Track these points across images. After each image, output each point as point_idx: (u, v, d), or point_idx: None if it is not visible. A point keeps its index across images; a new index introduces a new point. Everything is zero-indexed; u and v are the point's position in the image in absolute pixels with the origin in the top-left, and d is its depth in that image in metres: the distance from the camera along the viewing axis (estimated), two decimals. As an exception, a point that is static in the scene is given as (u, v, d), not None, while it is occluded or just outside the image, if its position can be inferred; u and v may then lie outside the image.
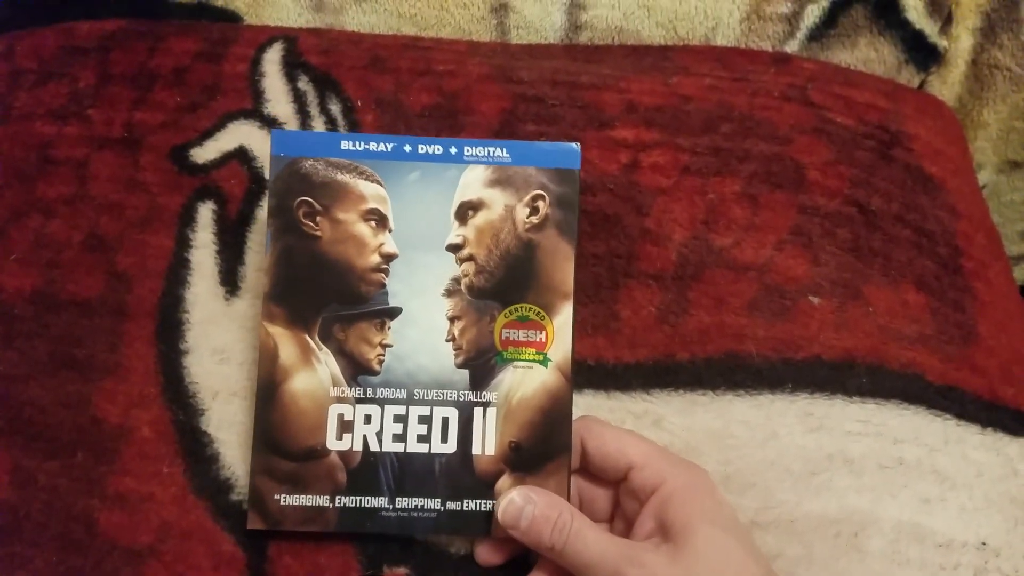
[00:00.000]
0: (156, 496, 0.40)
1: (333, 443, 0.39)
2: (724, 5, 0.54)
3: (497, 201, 0.41)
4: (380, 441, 0.39)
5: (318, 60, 0.51)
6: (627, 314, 0.44)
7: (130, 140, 0.48)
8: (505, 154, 0.41)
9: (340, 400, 0.39)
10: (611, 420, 0.41)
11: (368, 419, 0.39)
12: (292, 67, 0.51)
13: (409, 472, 0.39)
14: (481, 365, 0.39)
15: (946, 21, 0.57)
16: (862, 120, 0.52)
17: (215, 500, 0.40)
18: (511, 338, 0.40)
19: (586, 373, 0.43)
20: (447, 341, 0.40)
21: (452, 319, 0.40)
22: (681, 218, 0.46)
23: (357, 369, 0.39)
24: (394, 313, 0.40)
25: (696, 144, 0.49)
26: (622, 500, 0.39)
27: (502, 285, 0.40)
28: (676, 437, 0.41)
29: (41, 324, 0.43)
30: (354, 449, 0.39)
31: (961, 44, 0.58)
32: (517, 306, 0.40)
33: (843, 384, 0.42)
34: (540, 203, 0.41)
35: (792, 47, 0.56)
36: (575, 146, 0.41)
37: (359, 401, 0.39)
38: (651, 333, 0.43)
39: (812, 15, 0.55)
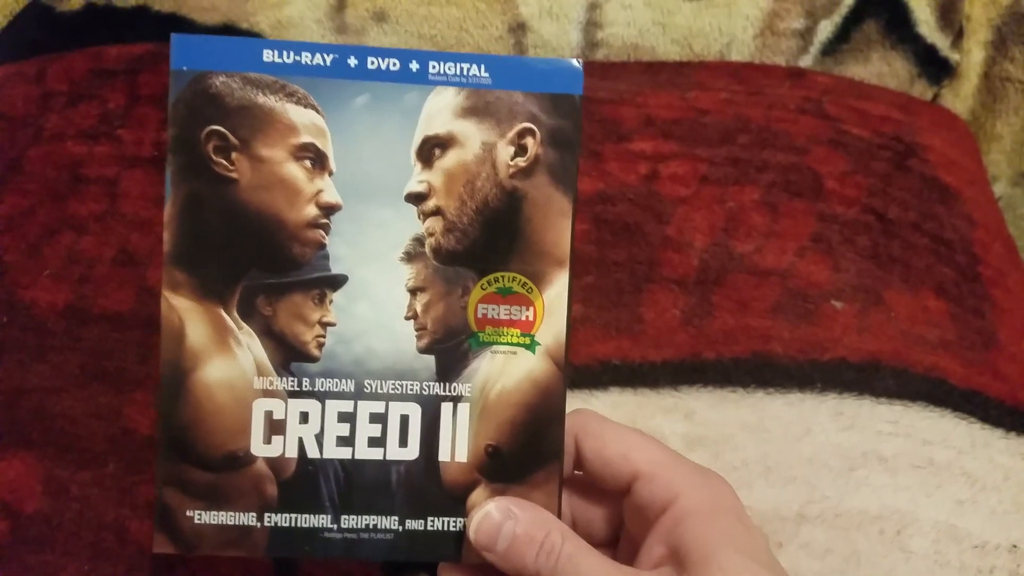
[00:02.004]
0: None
1: (260, 448, 0.31)
2: (738, 21, 0.56)
3: (472, 137, 0.31)
4: (321, 445, 0.31)
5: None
6: (651, 316, 0.44)
7: (159, 159, 0.49)
8: (483, 73, 0.32)
9: (268, 394, 0.31)
10: (640, 415, 0.41)
11: (305, 418, 0.31)
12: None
13: (359, 484, 0.31)
14: (450, 350, 0.32)
15: (958, 35, 0.58)
16: (877, 132, 0.53)
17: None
18: (489, 316, 0.32)
19: (612, 372, 0.43)
20: (407, 319, 0.31)
21: (413, 291, 0.32)
22: (701, 226, 0.47)
23: (289, 354, 0.31)
24: (337, 282, 0.31)
25: (714, 155, 0.49)
26: (626, 518, 0.32)
27: (478, 248, 0.32)
28: (710, 429, 0.41)
29: (73, 338, 0.44)
30: (287, 455, 0.31)
31: (973, 58, 0.59)
32: (498, 275, 0.32)
33: (870, 385, 0.42)
34: (529, 140, 0.32)
35: (806, 62, 0.56)
36: (575, 63, 0.32)
37: (293, 395, 0.31)
38: (676, 334, 0.43)
39: (825, 30, 0.56)
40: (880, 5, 0.56)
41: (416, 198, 0.31)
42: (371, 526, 0.32)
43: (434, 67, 0.32)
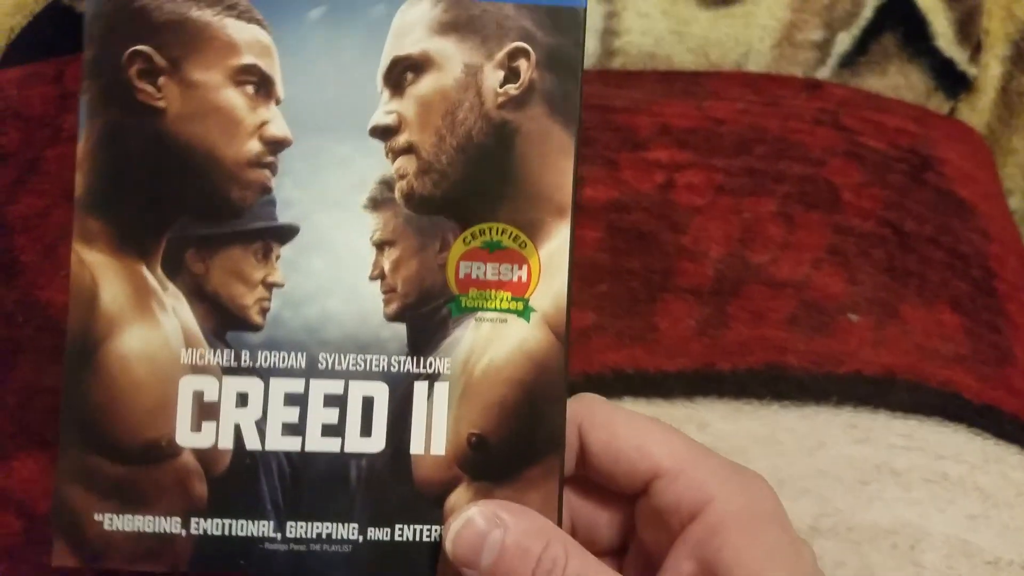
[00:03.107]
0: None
1: (186, 436, 0.25)
2: (755, 32, 0.56)
3: (452, 58, 0.26)
4: (262, 434, 0.25)
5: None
6: (665, 325, 0.44)
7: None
8: None
9: (198, 369, 0.25)
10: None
11: (243, 400, 0.25)
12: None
13: (309, 482, 0.26)
14: (425, 317, 0.26)
15: (975, 49, 0.58)
16: (893, 144, 0.53)
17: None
18: (474, 275, 0.26)
19: (625, 381, 0.43)
20: (372, 279, 0.26)
21: (380, 245, 0.26)
22: (717, 236, 0.47)
23: (225, 321, 0.26)
24: (286, 234, 0.26)
25: (730, 165, 0.49)
26: (639, 524, 0.27)
27: (460, 193, 0.26)
28: (722, 441, 0.41)
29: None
30: (220, 446, 0.25)
31: (990, 72, 0.59)
32: (484, 227, 0.26)
33: (885, 399, 0.42)
34: (521, 63, 0.26)
35: (823, 74, 0.56)
36: None
37: (228, 372, 0.25)
38: (691, 344, 0.43)
39: (843, 42, 0.56)
40: (898, 18, 0.56)
41: (383, 132, 0.26)
42: (324, 535, 0.26)
43: None
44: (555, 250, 0.26)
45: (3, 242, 0.47)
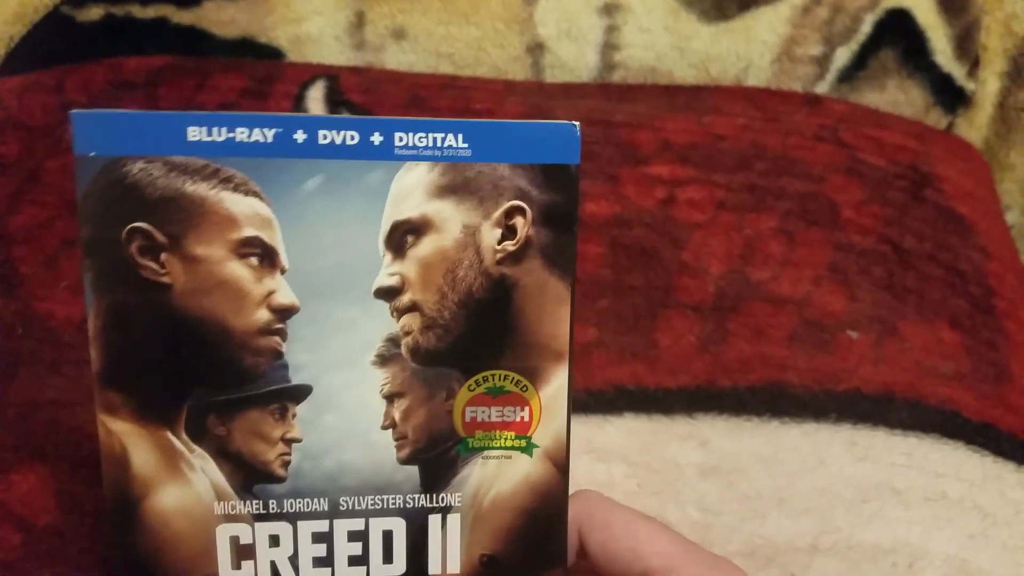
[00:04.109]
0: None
1: (229, 574, 0.28)
2: (755, 47, 0.56)
3: (451, 219, 0.27)
4: (296, 568, 0.28)
5: (360, 98, 0.53)
6: (666, 342, 0.44)
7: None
8: (461, 143, 0.27)
9: (231, 518, 0.27)
10: (655, 443, 0.41)
11: (275, 541, 0.28)
12: (335, 105, 0.52)
13: None
14: (436, 458, 0.28)
15: (974, 64, 0.58)
16: (893, 161, 0.53)
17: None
18: (479, 419, 0.28)
19: (626, 397, 0.43)
20: (384, 428, 0.28)
21: (390, 397, 0.28)
22: (718, 252, 0.47)
23: (251, 476, 0.28)
24: (300, 394, 0.27)
25: (731, 181, 0.50)
26: None
27: (463, 345, 0.28)
28: (724, 459, 0.41)
29: (89, 351, 0.44)
30: None
31: (988, 87, 0.59)
32: (487, 374, 0.28)
33: (885, 417, 0.42)
34: (518, 220, 0.27)
35: (822, 88, 0.57)
36: (573, 127, 0.27)
37: (259, 518, 0.27)
38: (692, 361, 0.44)
39: (842, 57, 0.56)
40: (897, 33, 0.57)
41: (387, 293, 0.27)
42: None
43: (401, 139, 0.26)
44: (554, 392, 0.28)
45: (3, 253, 0.47)
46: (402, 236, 0.27)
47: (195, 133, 0.26)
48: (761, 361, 0.44)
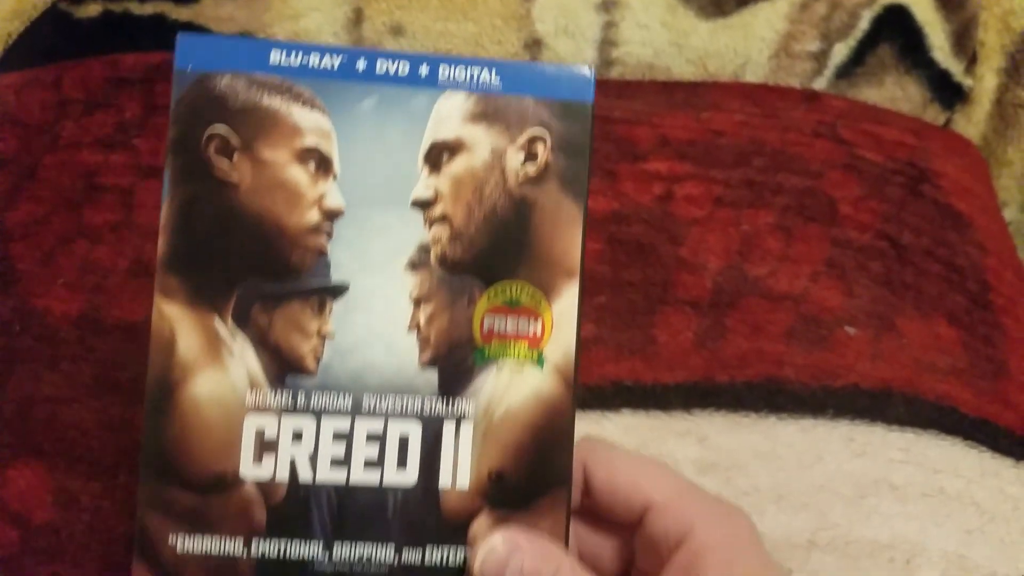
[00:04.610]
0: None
1: (249, 469, 0.29)
2: (754, 43, 0.56)
3: (482, 142, 0.31)
4: (314, 468, 0.29)
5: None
6: (664, 338, 0.44)
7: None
8: (494, 78, 0.31)
9: (260, 410, 0.29)
10: (652, 439, 0.41)
11: (298, 437, 0.29)
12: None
13: (353, 510, 0.29)
14: (454, 364, 0.30)
15: (971, 61, 0.58)
16: (891, 157, 0.53)
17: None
18: (496, 328, 0.30)
19: (624, 393, 0.43)
20: (410, 331, 0.30)
21: (417, 301, 0.30)
22: (716, 248, 0.47)
23: (285, 366, 0.30)
24: (338, 291, 0.30)
25: (729, 177, 0.50)
26: (637, 552, 0.31)
27: (485, 257, 0.30)
28: (722, 455, 0.41)
29: (86, 348, 0.44)
30: (278, 479, 0.29)
31: (986, 83, 0.59)
32: (505, 285, 0.30)
33: (882, 412, 0.42)
34: (539, 147, 0.31)
35: (820, 84, 0.57)
36: (587, 69, 0.31)
37: (286, 411, 0.29)
38: (689, 356, 0.44)
39: (840, 53, 0.56)
40: (895, 30, 0.57)
41: (423, 204, 0.30)
42: (365, 557, 0.30)
43: (444, 71, 0.31)
44: (565, 307, 0.31)
45: (0, 249, 0.47)
46: (439, 154, 0.30)
47: (276, 56, 0.30)
48: (759, 357, 0.44)
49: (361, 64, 0.30)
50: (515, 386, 0.30)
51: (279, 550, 0.29)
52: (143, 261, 0.46)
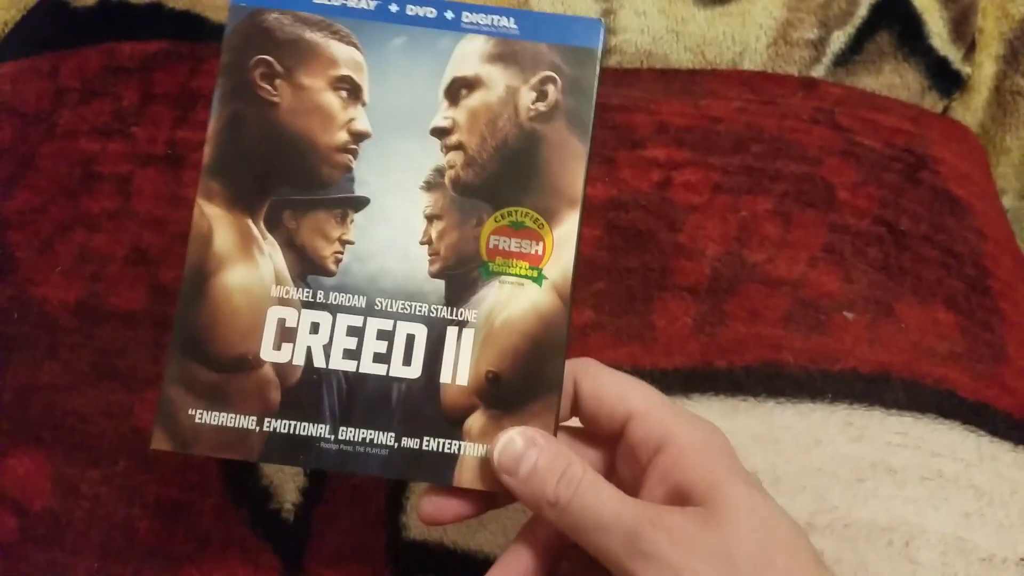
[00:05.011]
0: (196, 504, 0.40)
1: (268, 353, 0.32)
2: (751, 31, 0.56)
3: (497, 80, 0.34)
4: (327, 356, 0.32)
5: (355, 81, 0.53)
6: (662, 324, 0.44)
7: (173, 157, 0.49)
8: (512, 24, 0.34)
9: (283, 302, 0.32)
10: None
11: (315, 328, 0.32)
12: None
13: (360, 397, 0.32)
14: (460, 276, 0.33)
15: (970, 48, 0.58)
16: (889, 143, 0.53)
17: (253, 508, 0.40)
18: (500, 247, 0.33)
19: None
20: (422, 244, 0.33)
21: (430, 218, 0.33)
22: (714, 234, 0.47)
23: (308, 267, 0.33)
24: (359, 204, 0.33)
25: (727, 164, 0.49)
26: (619, 463, 0.33)
27: (495, 182, 0.33)
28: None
29: (85, 335, 0.44)
30: (294, 363, 0.32)
31: (984, 71, 0.59)
32: (511, 209, 0.33)
33: (880, 396, 0.42)
34: (550, 87, 0.34)
35: (818, 72, 0.56)
36: (599, 21, 0.35)
37: (306, 305, 0.32)
38: (687, 342, 0.44)
39: (838, 41, 0.56)
40: (893, 17, 0.57)
41: (441, 132, 0.34)
42: (367, 440, 0.32)
43: (467, 17, 0.34)
44: (566, 232, 0.33)
45: (-2, 238, 0.47)
46: (458, 89, 0.34)
47: None
48: (757, 342, 0.44)
49: (393, 7, 0.34)
50: (515, 299, 0.33)
51: (289, 428, 0.32)
52: (141, 249, 0.46)
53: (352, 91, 0.34)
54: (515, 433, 0.31)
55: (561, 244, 0.33)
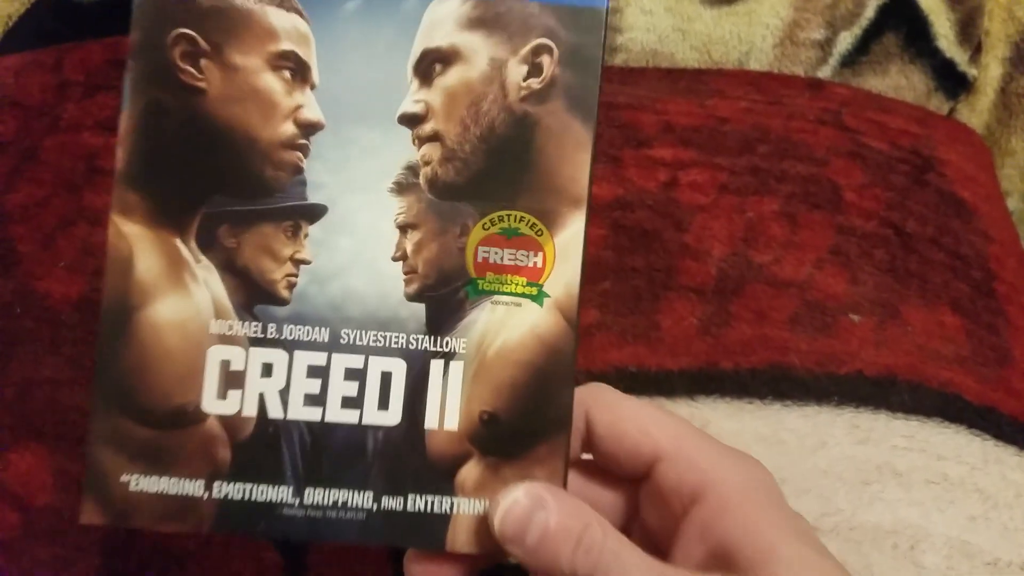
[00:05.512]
0: (198, 501, 0.40)
1: (212, 403, 0.26)
2: (758, 30, 0.55)
3: (479, 52, 0.27)
4: (285, 404, 0.27)
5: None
6: (668, 324, 0.44)
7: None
8: None
9: (226, 340, 0.26)
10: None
11: (268, 370, 0.27)
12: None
13: (328, 451, 0.27)
14: (444, 298, 0.27)
15: (976, 50, 0.58)
16: (895, 145, 0.53)
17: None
18: (491, 260, 0.27)
19: (628, 380, 0.43)
20: (395, 260, 0.27)
21: (404, 228, 0.27)
22: (720, 235, 0.47)
23: (254, 294, 0.27)
24: (315, 213, 0.27)
25: (734, 164, 0.49)
26: (643, 507, 0.28)
27: (481, 180, 0.27)
28: (725, 440, 0.41)
29: (87, 330, 0.43)
30: (244, 414, 0.27)
31: (990, 73, 0.59)
32: (503, 213, 0.27)
33: (886, 399, 0.42)
34: (544, 59, 0.27)
35: (824, 73, 0.56)
36: None
37: (255, 343, 0.27)
38: (693, 343, 0.43)
39: (844, 42, 0.56)
40: (900, 18, 0.56)
41: (411, 120, 0.27)
42: (340, 503, 0.27)
43: None
44: (569, 239, 0.27)
45: (0, 232, 0.47)
46: (430, 64, 0.27)
47: None
48: (763, 343, 0.43)
49: None
50: (511, 323, 0.27)
51: (244, 492, 0.27)
52: (144, 244, 0.46)
53: (297, 70, 0.27)
54: (520, 492, 0.25)
55: (564, 253, 0.27)
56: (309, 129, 0.27)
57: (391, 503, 0.27)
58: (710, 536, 0.25)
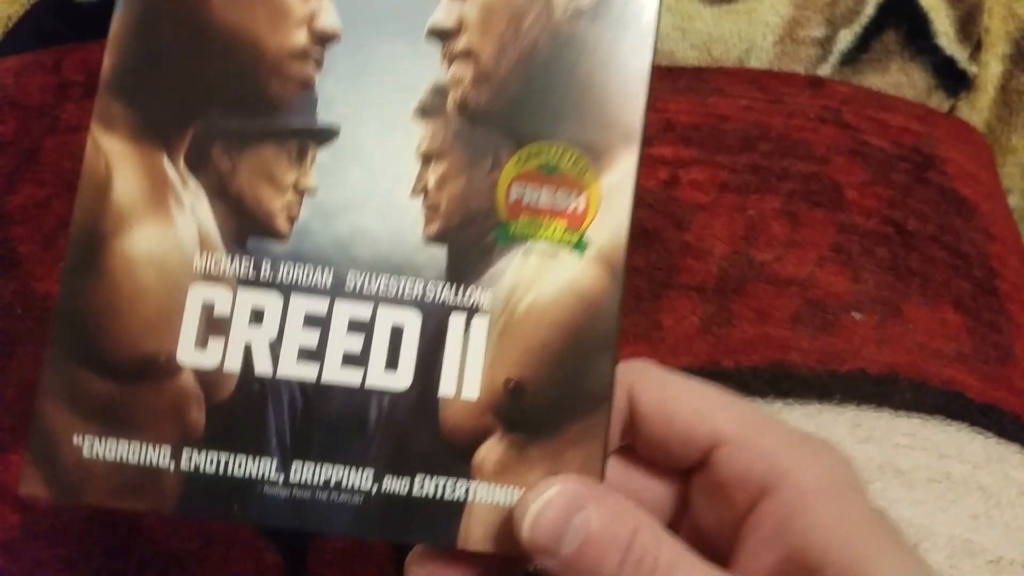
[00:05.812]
0: (200, 502, 0.40)
1: (189, 353, 0.22)
2: (758, 28, 0.55)
3: None
4: (275, 358, 0.22)
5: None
6: (670, 323, 0.44)
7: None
8: None
9: (211, 278, 0.22)
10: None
11: (258, 317, 0.22)
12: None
13: (322, 418, 0.22)
14: (469, 241, 0.23)
15: (976, 47, 0.58)
16: (896, 143, 0.53)
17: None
18: (526, 201, 0.23)
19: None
20: (414, 195, 0.23)
21: (427, 157, 0.23)
22: (721, 233, 0.47)
23: (248, 226, 0.23)
24: (325, 136, 0.23)
25: (734, 162, 0.49)
26: (695, 500, 0.24)
27: (518, 108, 0.23)
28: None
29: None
30: (226, 368, 0.22)
31: (991, 70, 0.59)
32: (542, 146, 0.23)
33: (889, 398, 0.42)
34: None
35: (824, 70, 0.56)
36: None
37: (245, 283, 0.23)
38: (694, 342, 0.43)
39: (845, 39, 0.56)
40: (900, 16, 0.56)
41: (442, 34, 0.23)
42: (333, 482, 0.22)
43: None
44: (618, 179, 0.23)
45: (1, 232, 0.47)
46: None
47: None
48: (764, 342, 0.43)
49: None
50: (546, 275, 0.23)
51: (218, 464, 0.22)
52: (145, 244, 0.46)
53: None
54: (553, 491, 0.21)
55: (611, 196, 0.23)
56: (324, 40, 0.23)
57: (394, 485, 0.22)
58: (784, 539, 0.21)
